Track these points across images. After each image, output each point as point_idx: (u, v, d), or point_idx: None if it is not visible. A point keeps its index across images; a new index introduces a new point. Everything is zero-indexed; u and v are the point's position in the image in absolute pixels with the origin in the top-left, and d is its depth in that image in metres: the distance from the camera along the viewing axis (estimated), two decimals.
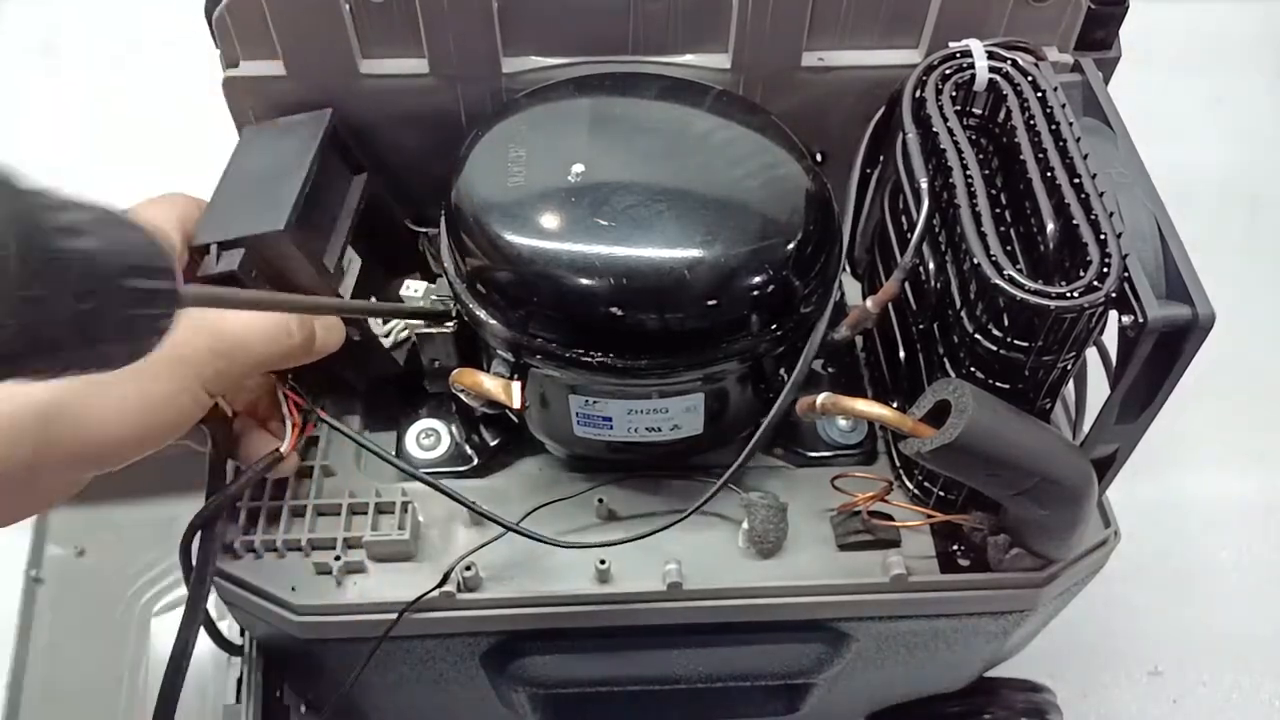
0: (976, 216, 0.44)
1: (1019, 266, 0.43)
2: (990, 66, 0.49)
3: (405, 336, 0.56)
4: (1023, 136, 0.46)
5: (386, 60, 0.55)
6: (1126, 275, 0.41)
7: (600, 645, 0.56)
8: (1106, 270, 0.41)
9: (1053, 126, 0.46)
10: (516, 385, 0.49)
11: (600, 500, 0.53)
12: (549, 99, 0.52)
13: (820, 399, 0.47)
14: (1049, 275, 0.43)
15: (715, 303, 0.45)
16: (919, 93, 0.49)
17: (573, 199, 0.46)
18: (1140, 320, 0.40)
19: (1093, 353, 0.47)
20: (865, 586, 0.52)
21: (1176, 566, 0.98)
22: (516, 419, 0.53)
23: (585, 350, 0.46)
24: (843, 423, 0.57)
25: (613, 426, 0.50)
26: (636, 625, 0.54)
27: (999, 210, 0.46)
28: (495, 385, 0.50)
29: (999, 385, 0.45)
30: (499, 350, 0.49)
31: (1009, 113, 0.47)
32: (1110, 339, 0.43)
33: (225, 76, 0.54)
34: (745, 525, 0.52)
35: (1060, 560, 0.52)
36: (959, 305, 0.46)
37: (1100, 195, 0.43)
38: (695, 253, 0.45)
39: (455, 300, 0.50)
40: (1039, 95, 0.47)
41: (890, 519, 0.52)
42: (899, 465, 0.55)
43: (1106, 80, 0.55)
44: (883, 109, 0.53)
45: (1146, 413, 0.45)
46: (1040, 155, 0.45)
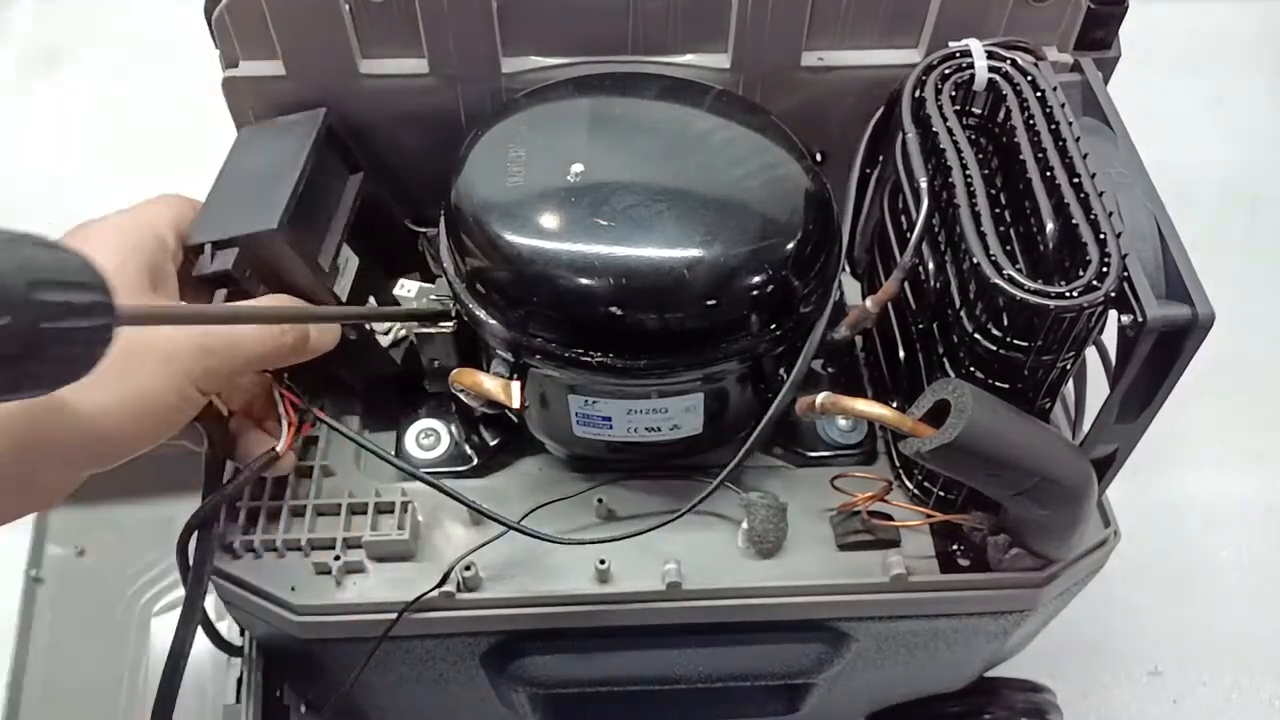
0: (976, 216, 0.44)
1: (1018, 266, 0.43)
2: (990, 66, 0.49)
3: (403, 336, 0.56)
4: (1022, 136, 0.46)
5: (386, 60, 0.55)
6: (1126, 275, 0.41)
7: (600, 645, 0.56)
8: (1106, 270, 0.41)
9: (1052, 126, 0.46)
10: (516, 385, 0.49)
11: (600, 500, 0.53)
12: (548, 99, 0.52)
13: (820, 399, 0.47)
14: (1048, 275, 0.43)
15: (715, 303, 0.45)
16: (918, 92, 0.49)
17: (572, 199, 0.46)
18: (1140, 320, 0.40)
19: (1092, 352, 0.47)
20: (865, 586, 0.52)
21: (1176, 566, 0.98)
22: (516, 419, 0.53)
23: (585, 350, 0.46)
24: (842, 423, 0.57)
25: (612, 426, 0.50)
26: (636, 625, 0.54)
27: (998, 210, 0.46)
28: (495, 385, 0.50)
29: (998, 385, 0.45)
30: (498, 350, 0.49)
31: (1008, 112, 0.47)
32: (1110, 339, 0.43)
33: (225, 77, 0.54)
34: (745, 525, 0.52)
35: (1060, 560, 0.52)
36: (958, 305, 0.46)
37: (1100, 195, 0.43)
38: (695, 252, 0.45)
39: (455, 300, 0.50)
40: (1038, 95, 0.47)
41: (890, 519, 0.53)
42: (899, 465, 0.55)
43: (1106, 80, 0.55)
44: (882, 109, 0.53)
45: (1146, 412, 0.45)
46: (1040, 155, 0.45)
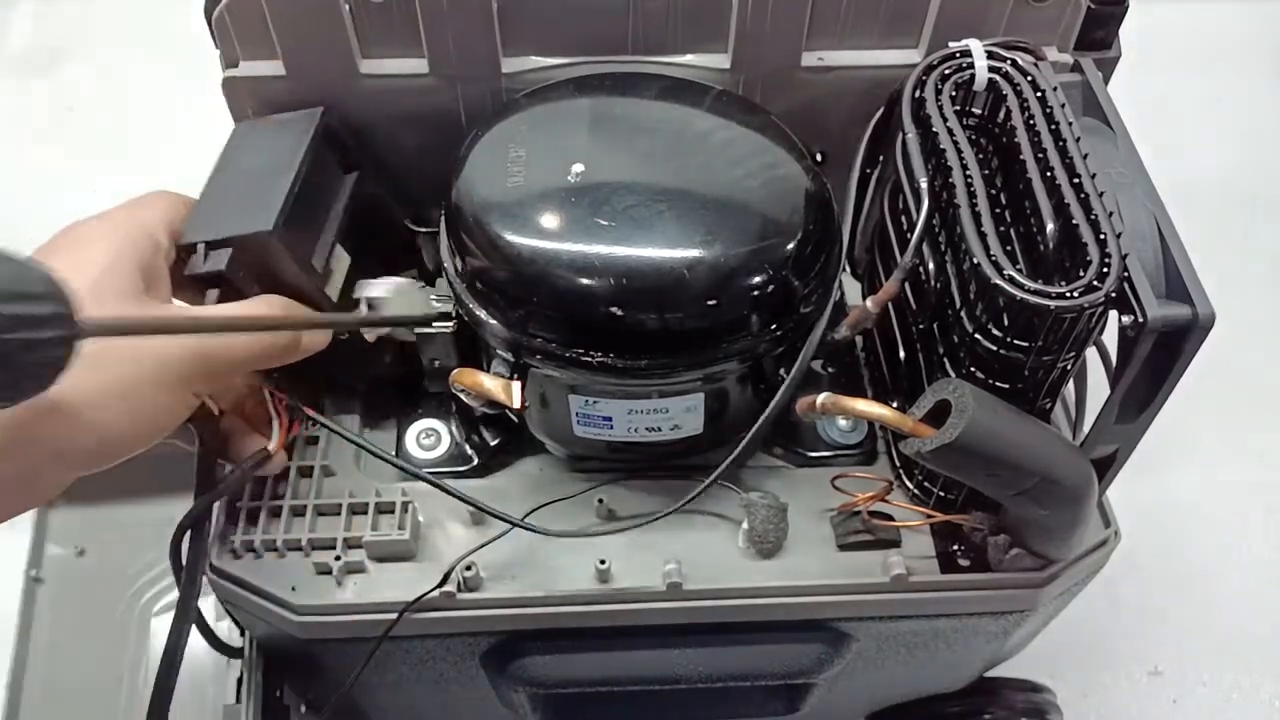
0: (976, 216, 0.44)
1: (1019, 266, 0.43)
2: (990, 66, 0.49)
3: (386, 333, 0.55)
4: (1022, 136, 0.46)
5: (386, 60, 0.55)
6: (1126, 275, 0.41)
7: (600, 645, 0.56)
8: (1106, 270, 0.41)
9: (1052, 126, 0.46)
10: (517, 385, 0.49)
11: (600, 500, 0.53)
12: (549, 99, 0.52)
13: (820, 399, 0.47)
14: (1049, 275, 0.43)
15: (715, 303, 0.45)
16: (919, 93, 0.49)
17: (573, 199, 0.46)
18: (1140, 320, 0.40)
19: (1093, 353, 0.47)
20: (865, 586, 0.52)
21: (1176, 566, 0.98)
22: (516, 419, 0.53)
23: (585, 350, 0.46)
24: (843, 423, 0.57)
25: (613, 426, 0.50)
26: (636, 625, 0.54)
27: (999, 210, 0.46)
28: (495, 385, 0.50)
29: (999, 385, 0.45)
30: (499, 350, 0.49)
31: (1009, 113, 0.47)
32: (1110, 339, 0.43)
33: (225, 76, 0.54)
34: (745, 525, 0.52)
35: (1060, 560, 0.52)
36: (959, 305, 0.46)
37: (1100, 195, 0.43)
38: (695, 253, 0.45)
39: (455, 300, 0.50)
40: (1039, 95, 0.47)
41: (890, 519, 0.52)
42: (899, 465, 0.55)
43: (1106, 80, 0.55)
44: (882, 109, 0.53)
45: (1146, 413, 0.45)
46: (1040, 155, 0.45)
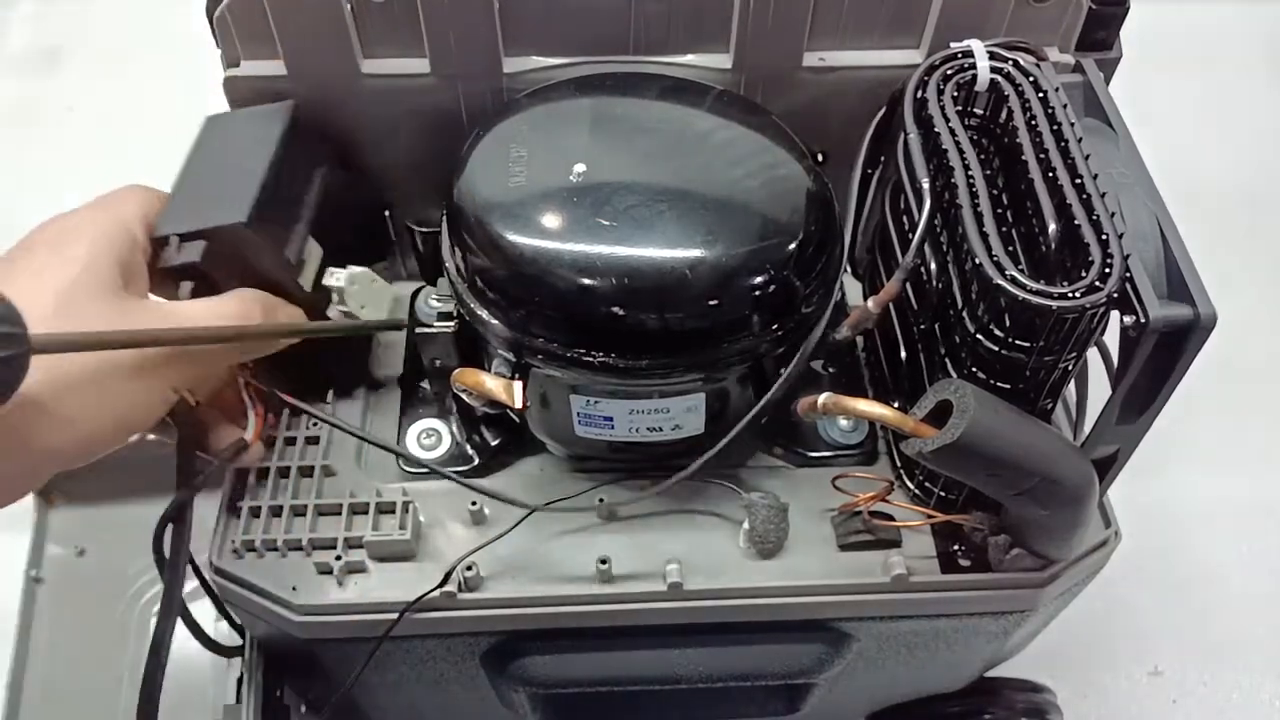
0: (978, 217, 0.44)
1: (1021, 267, 0.43)
2: (992, 67, 0.49)
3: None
4: (1024, 137, 0.46)
5: (388, 60, 0.55)
6: (1128, 275, 0.41)
7: (601, 645, 0.56)
8: (1108, 270, 0.41)
9: (1054, 127, 0.46)
10: (518, 385, 0.49)
11: (601, 500, 0.53)
12: (550, 99, 0.52)
13: (821, 399, 0.47)
14: (1050, 275, 0.43)
15: (716, 303, 0.45)
16: (920, 93, 0.49)
17: (574, 199, 0.46)
18: (1142, 320, 0.40)
19: (1094, 353, 0.47)
20: (866, 586, 0.52)
21: (1176, 566, 0.98)
22: (518, 419, 0.53)
23: (587, 350, 0.46)
24: (843, 423, 0.57)
25: (614, 426, 0.50)
26: (637, 625, 0.54)
27: (1000, 210, 0.46)
28: (497, 385, 0.50)
29: (1000, 385, 0.45)
30: (500, 350, 0.49)
31: (1010, 113, 0.47)
32: (1111, 339, 0.43)
33: (226, 76, 0.54)
34: (746, 525, 0.52)
35: (1061, 560, 0.52)
36: (960, 305, 0.46)
37: (1102, 195, 0.43)
38: (696, 253, 0.45)
39: (456, 300, 0.50)
40: (1040, 95, 0.47)
41: (891, 519, 0.53)
42: (900, 465, 0.55)
43: (1107, 80, 0.55)
44: (884, 109, 0.53)
45: (1148, 413, 0.45)
46: (1042, 155, 0.45)
